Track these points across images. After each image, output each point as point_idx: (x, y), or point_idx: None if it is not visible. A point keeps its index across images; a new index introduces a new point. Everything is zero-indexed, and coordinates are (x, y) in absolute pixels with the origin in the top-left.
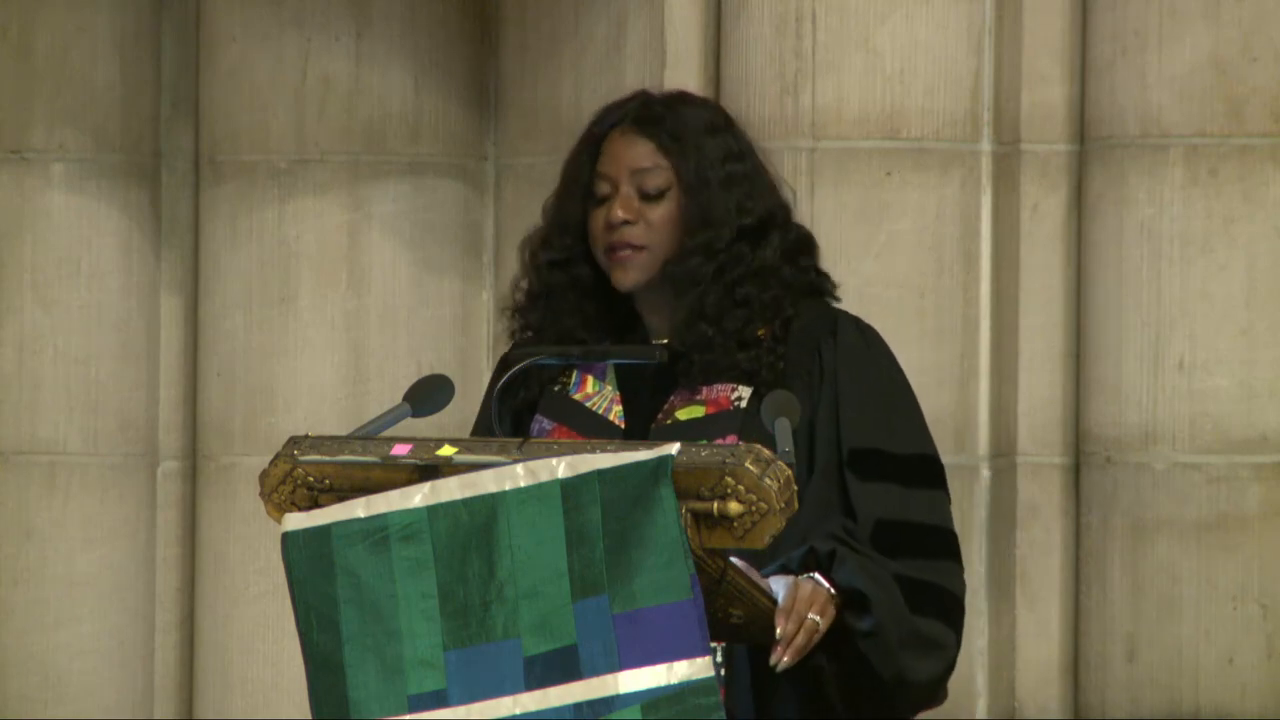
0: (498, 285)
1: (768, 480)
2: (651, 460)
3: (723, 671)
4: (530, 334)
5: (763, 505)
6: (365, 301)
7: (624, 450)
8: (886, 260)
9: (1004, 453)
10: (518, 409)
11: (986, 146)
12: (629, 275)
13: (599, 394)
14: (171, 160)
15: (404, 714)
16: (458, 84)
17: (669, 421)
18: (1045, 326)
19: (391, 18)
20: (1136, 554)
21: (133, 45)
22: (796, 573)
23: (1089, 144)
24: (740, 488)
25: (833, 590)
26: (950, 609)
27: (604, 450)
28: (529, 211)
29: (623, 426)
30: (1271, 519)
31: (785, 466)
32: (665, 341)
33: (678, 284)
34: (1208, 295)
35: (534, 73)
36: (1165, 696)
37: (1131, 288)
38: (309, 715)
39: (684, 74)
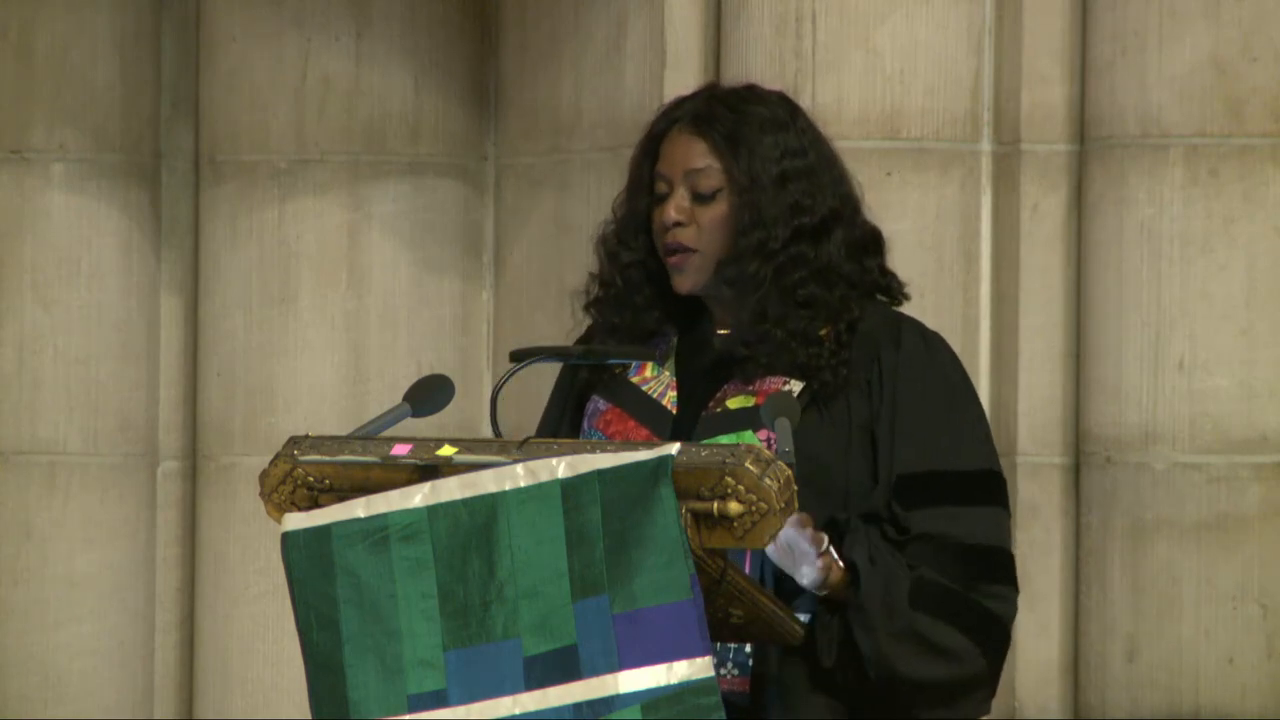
0: (498, 285)
1: (768, 480)
2: (651, 460)
3: (750, 662)
4: (611, 324)
5: (763, 505)
6: (365, 301)
7: (624, 450)
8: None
9: (1004, 453)
10: (580, 392)
11: (986, 146)
12: (685, 280)
13: (656, 379)
14: (171, 160)
15: (404, 714)
16: (458, 84)
17: (719, 410)
18: (1045, 326)
19: (391, 18)
20: (1136, 554)
21: (133, 45)
22: None
23: (1089, 144)
24: (740, 488)
25: (840, 562)
26: (978, 623)
27: (604, 450)
28: (529, 211)
29: (674, 412)
30: (1271, 519)
31: (785, 466)
32: (723, 334)
33: (736, 285)
34: (1208, 295)
35: (534, 73)
36: (1165, 696)
37: (1131, 288)
38: (309, 715)
39: (684, 74)
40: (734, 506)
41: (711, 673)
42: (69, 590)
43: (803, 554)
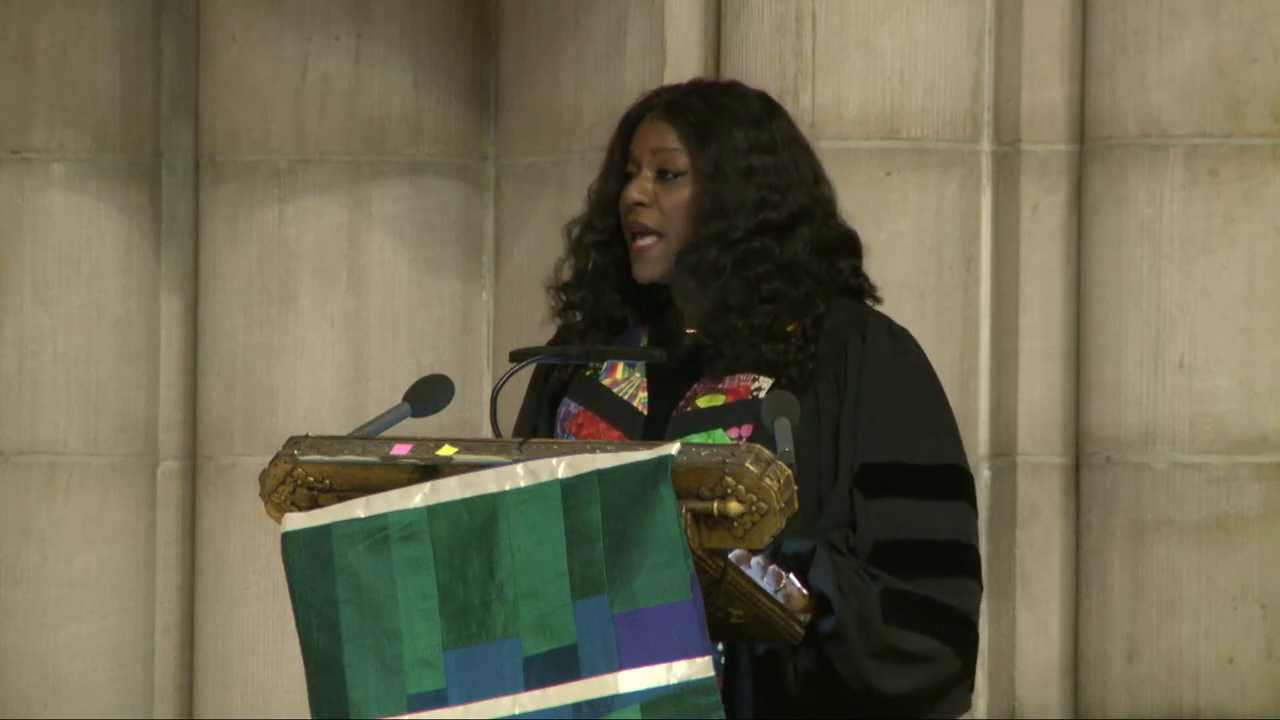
0: (498, 285)
1: (768, 480)
2: (651, 460)
3: (723, 661)
4: (573, 312)
5: (763, 505)
6: (365, 301)
7: (624, 450)
8: (886, 260)
9: (1004, 453)
10: (552, 393)
11: (986, 146)
12: (646, 268)
13: (627, 380)
14: (171, 160)
15: (403, 714)
16: (458, 84)
17: (689, 409)
18: (1045, 326)
19: (391, 18)
20: (1136, 554)
21: (133, 45)
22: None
23: (1089, 144)
24: (740, 488)
25: (804, 590)
26: (945, 623)
27: (604, 450)
28: (529, 211)
29: (645, 413)
30: (1271, 519)
31: (785, 466)
32: (691, 332)
33: (697, 274)
34: (1208, 295)
35: (534, 73)
36: (1165, 696)
37: (1131, 288)
38: (309, 715)
39: (684, 74)
40: (734, 506)
41: (711, 673)
42: (69, 590)
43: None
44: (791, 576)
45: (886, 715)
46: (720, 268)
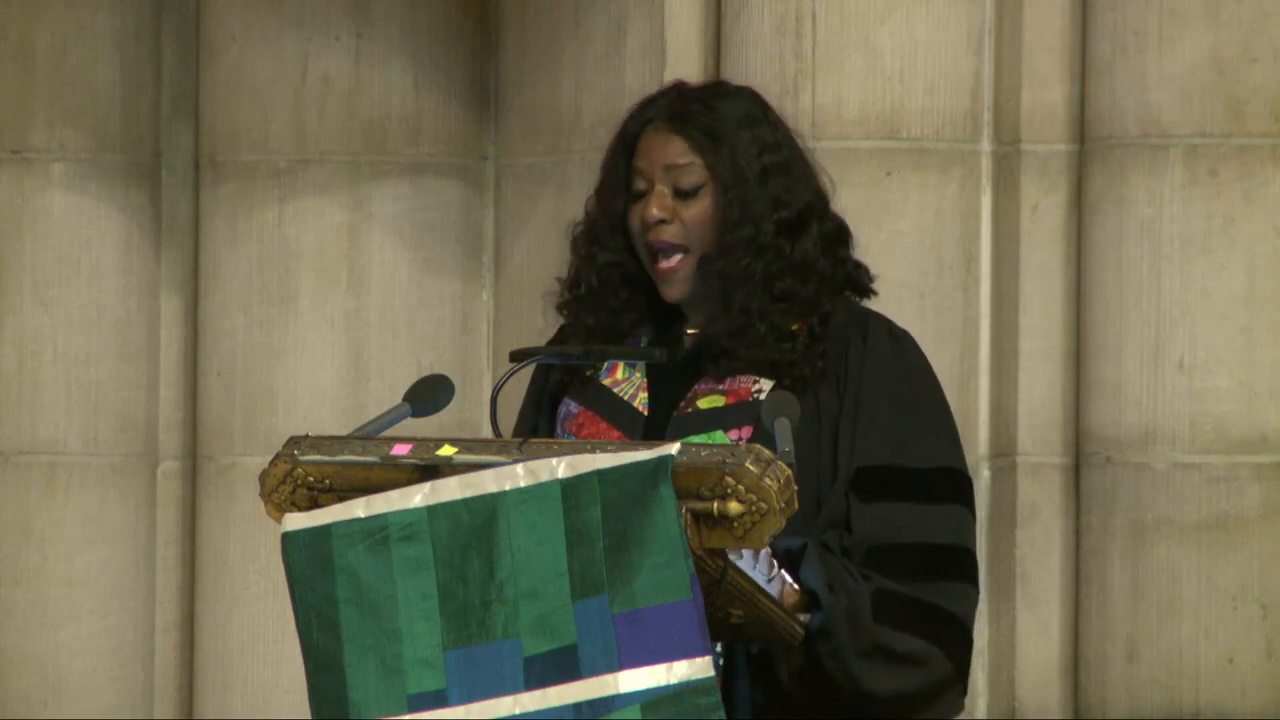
0: (498, 285)
1: (768, 480)
2: (652, 460)
3: (720, 662)
4: (586, 326)
5: (763, 505)
6: (365, 301)
7: (624, 450)
8: (886, 260)
9: (1004, 452)
10: (552, 393)
11: (986, 146)
12: (676, 288)
13: (627, 380)
14: (171, 160)
15: (403, 714)
16: (458, 84)
17: (690, 410)
18: (1045, 326)
19: (391, 18)
20: (1136, 554)
21: (133, 45)
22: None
23: (1089, 144)
24: (740, 488)
25: (796, 585)
26: (937, 625)
27: (604, 450)
28: (529, 211)
29: (645, 413)
30: (1271, 519)
31: (785, 466)
32: (692, 332)
33: (725, 282)
34: (1208, 295)
35: (534, 73)
36: (1165, 696)
37: (1131, 288)
38: (309, 715)
39: (684, 74)
40: (734, 506)
41: (711, 673)
42: (69, 590)
43: (754, 578)
44: (783, 572)
45: (879, 715)
46: (750, 275)
